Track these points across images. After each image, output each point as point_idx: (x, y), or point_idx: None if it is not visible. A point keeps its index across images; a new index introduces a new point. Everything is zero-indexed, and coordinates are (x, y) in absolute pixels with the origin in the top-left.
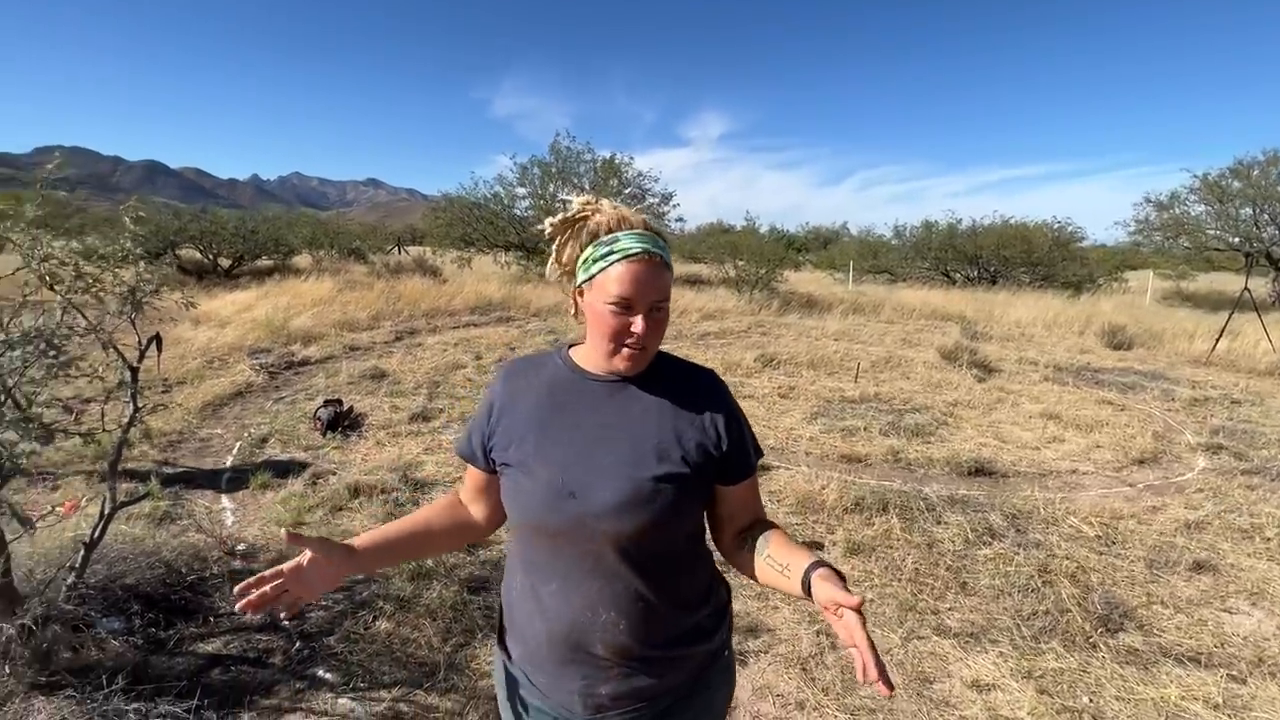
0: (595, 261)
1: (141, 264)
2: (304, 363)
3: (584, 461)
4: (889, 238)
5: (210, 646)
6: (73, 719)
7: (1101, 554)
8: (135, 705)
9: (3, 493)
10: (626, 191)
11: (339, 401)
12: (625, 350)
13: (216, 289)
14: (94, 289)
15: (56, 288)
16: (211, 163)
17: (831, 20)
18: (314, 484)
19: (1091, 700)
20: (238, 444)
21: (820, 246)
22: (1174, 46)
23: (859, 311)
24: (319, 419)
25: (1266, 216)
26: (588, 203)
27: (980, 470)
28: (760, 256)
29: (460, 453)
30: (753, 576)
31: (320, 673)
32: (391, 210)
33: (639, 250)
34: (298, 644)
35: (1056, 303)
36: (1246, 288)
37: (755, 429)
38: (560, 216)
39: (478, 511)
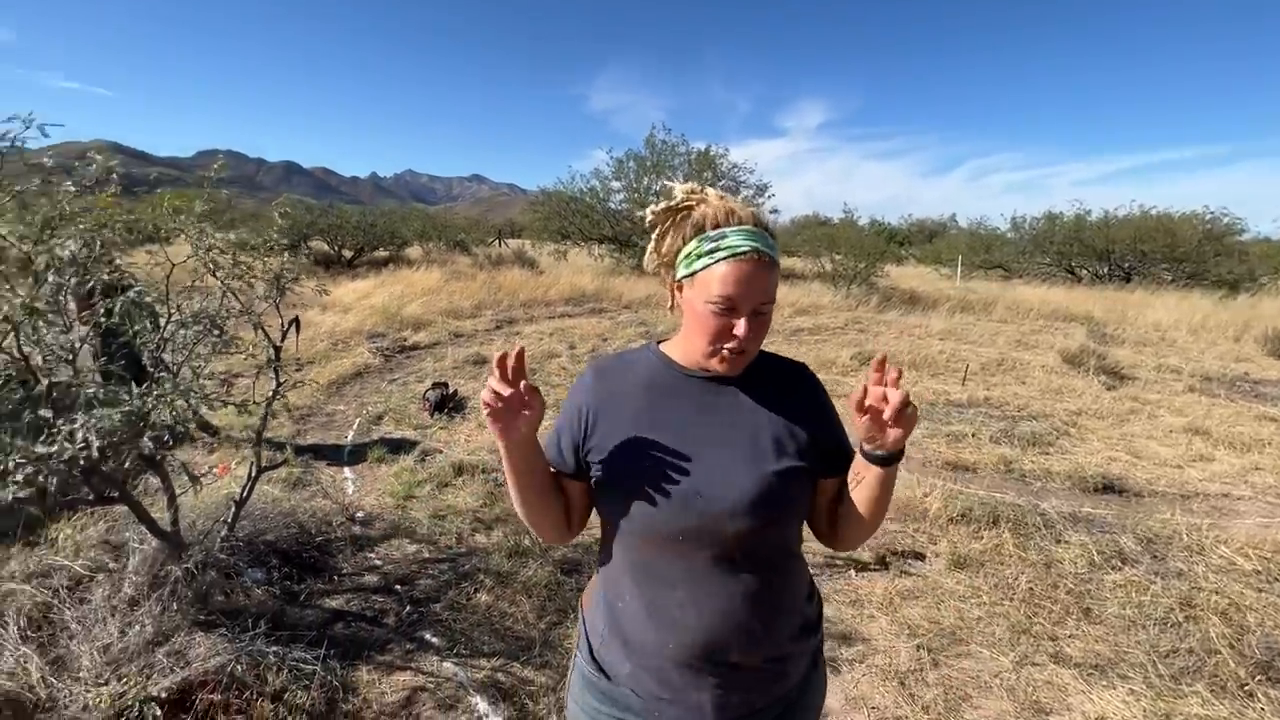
0: (699, 257)
1: (285, 254)
2: (414, 347)
3: (706, 460)
4: (1004, 230)
5: (334, 602)
6: (224, 654)
7: (1261, 591)
8: (274, 649)
9: (176, 454)
10: (721, 184)
11: (445, 385)
12: (724, 352)
13: (340, 278)
14: (247, 276)
15: (218, 274)
16: (337, 162)
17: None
18: (423, 460)
19: None
20: (357, 420)
21: (925, 240)
22: None
23: (968, 310)
24: (427, 400)
25: None
26: (693, 191)
27: (1109, 487)
28: (859, 250)
29: (550, 460)
30: (859, 529)
31: (428, 636)
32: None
33: (747, 249)
34: (408, 608)
35: (1205, 304)
36: None
37: (851, 432)
38: (663, 204)
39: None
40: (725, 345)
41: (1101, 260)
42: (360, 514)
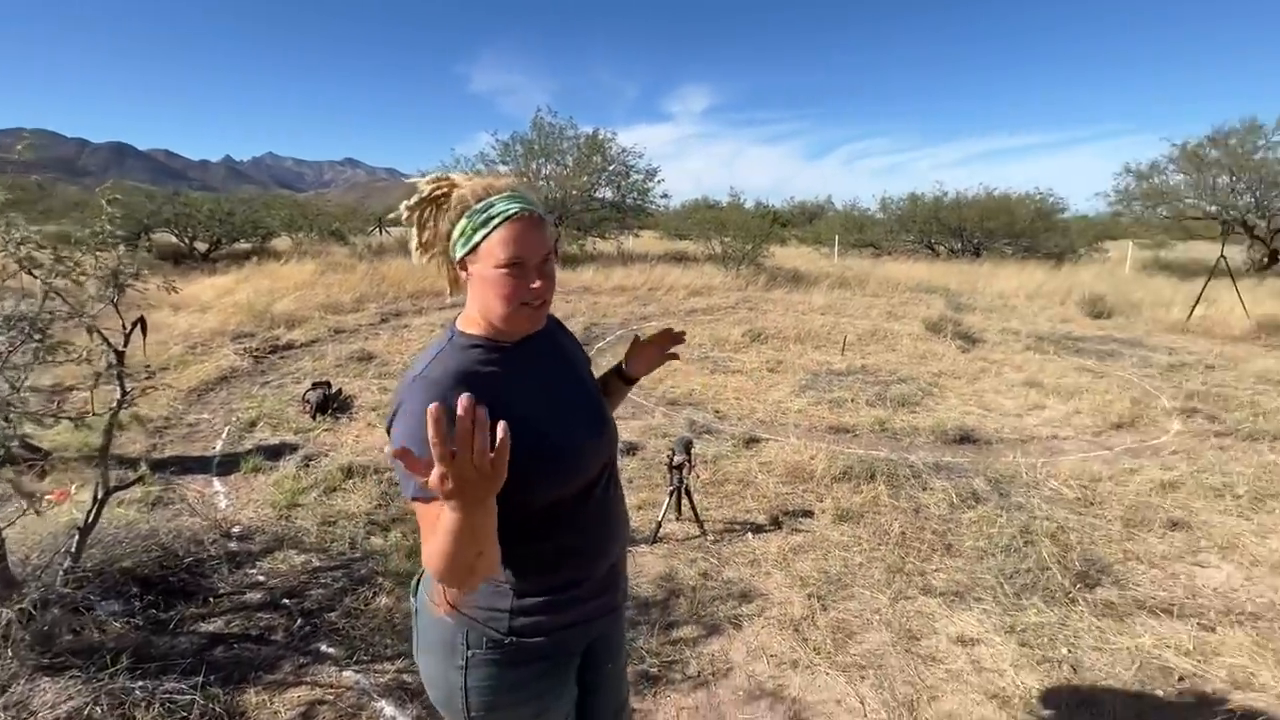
0: (475, 230)
1: (121, 247)
2: (289, 346)
3: (572, 408)
4: (874, 212)
5: (212, 626)
6: (79, 697)
7: (1080, 515)
8: (141, 683)
9: (2, 472)
10: (611, 168)
11: (327, 384)
12: (527, 309)
13: (194, 273)
14: (74, 273)
15: (35, 272)
16: (181, 144)
17: None
18: (306, 466)
19: (1070, 651)
20: (226, 429)
21: (806, 221)
22: (1164, 10)
23: (845, 285)
24: (308, 402)
25: (1243, 185)
26: (440, 179)
27: (965, 438)
28: (746, 232)
29: (421, 497)
30: None
31: (323, 647)
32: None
33: (517, 209)
34: (299, 621)
35: (1039, 273)
36: (1223, 255)
37: (744, 403)
38: (415, 198)
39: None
40: (525, 301)
41: (956, 237)
42: (237, 529)
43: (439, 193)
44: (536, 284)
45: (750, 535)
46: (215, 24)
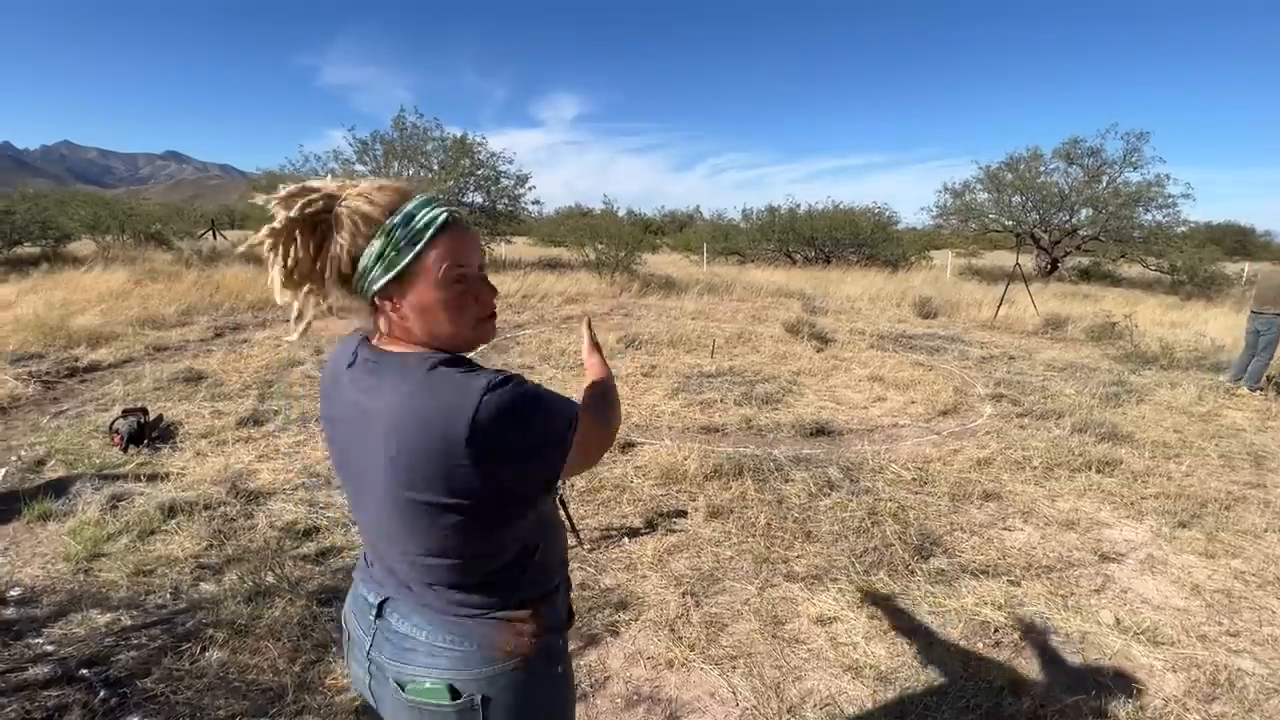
0: (399, 250)
1: None
2: (92, 368)
3: None
4: (738, 221)
5: None
6: None
7: (916, 494)
8: None
9: None
10: (480, 173)
11: (143, 410)
12: (483, 324)
13: None
14: None
15: None
16: None
17: (674, 7)
18: (114, 507)
19: (910, 619)
20: (2, 471)
21: (676, 230)
22: (968, 51)
23: (713, 291)
24: (117, 432)
25: (1030, 203)
26: (303, 190)
27: (820, 430)
28: (620, 240)
29: (576, 412)
30: None
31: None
32: (201, 189)
33: (444, 215)
34: (102, 693)
35: (879, 279)
36: (1018, 263)
37: (620, 408)
38: (281, 221)
39: None
40: (481, 314)
41: (809, 245)
42: (15, 592)
43: (312, 209)
44: (485, 294)
45: (626, 540)
46: None
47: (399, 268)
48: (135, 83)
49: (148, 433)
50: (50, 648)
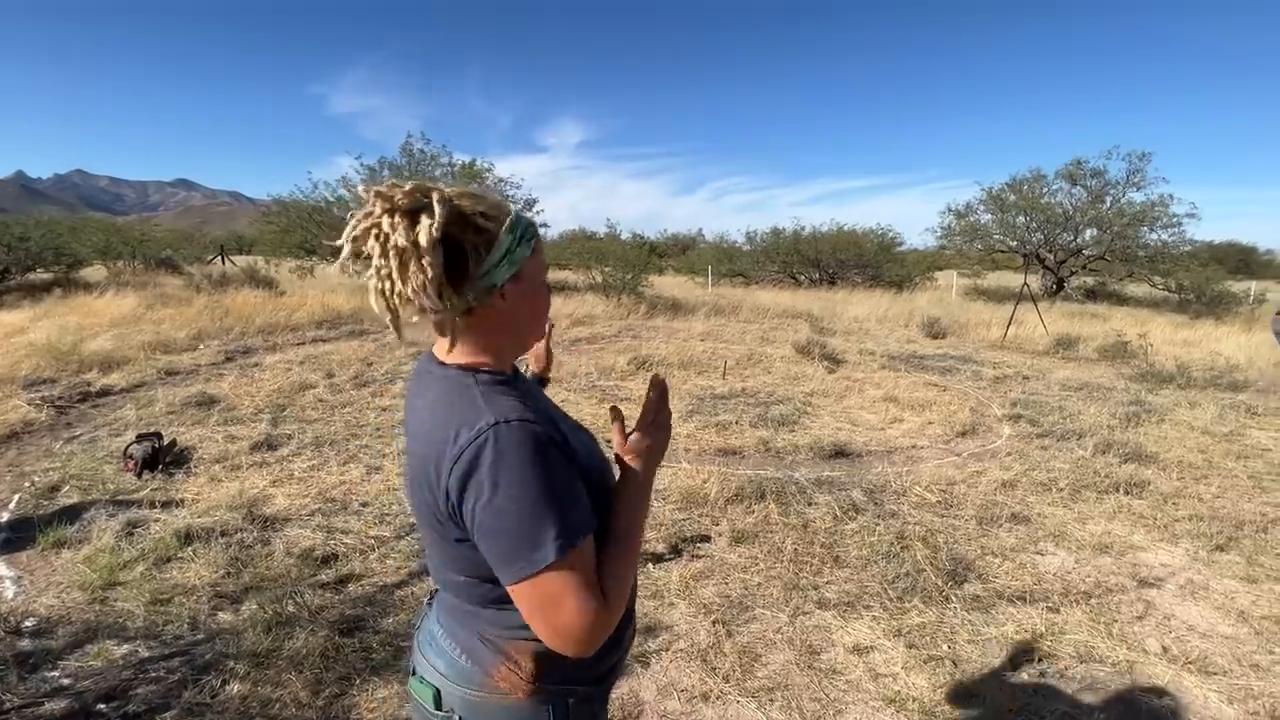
0: (516, 247)
1: None
2: (104, 393)
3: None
4: (742, 243)
5: None
6: None
7: (943, 516)
8: None
9: None
10: None
11: (157, 435)
12: (546, 325)
13: None
14: None
15: None
16: None
17: (676, 37)
18: (129, 534)
19: (949, 647)
20: (16, 497)
21: (680, 252)
22: (969, 75)
23: (720, 313)
24: (131, 457)
25: (1034, 224)
26: (421, 186)
27: (839, 452)
28: (625, 262)
29: (577, 542)
30: None
31: None
32: (210, 215)
33: (532, 221)
34: None
35: (885, 300)
36: (1026, 283)
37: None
38: (443, 218)
39: None
40: (546, 318)
41: (814, 267)
42: (30, 622)
43: (459, 210)
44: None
45: (651, 566)
46: None
47: (518, 264)
48: (146, 112)
49: (162, 458)
50: (67, 681)
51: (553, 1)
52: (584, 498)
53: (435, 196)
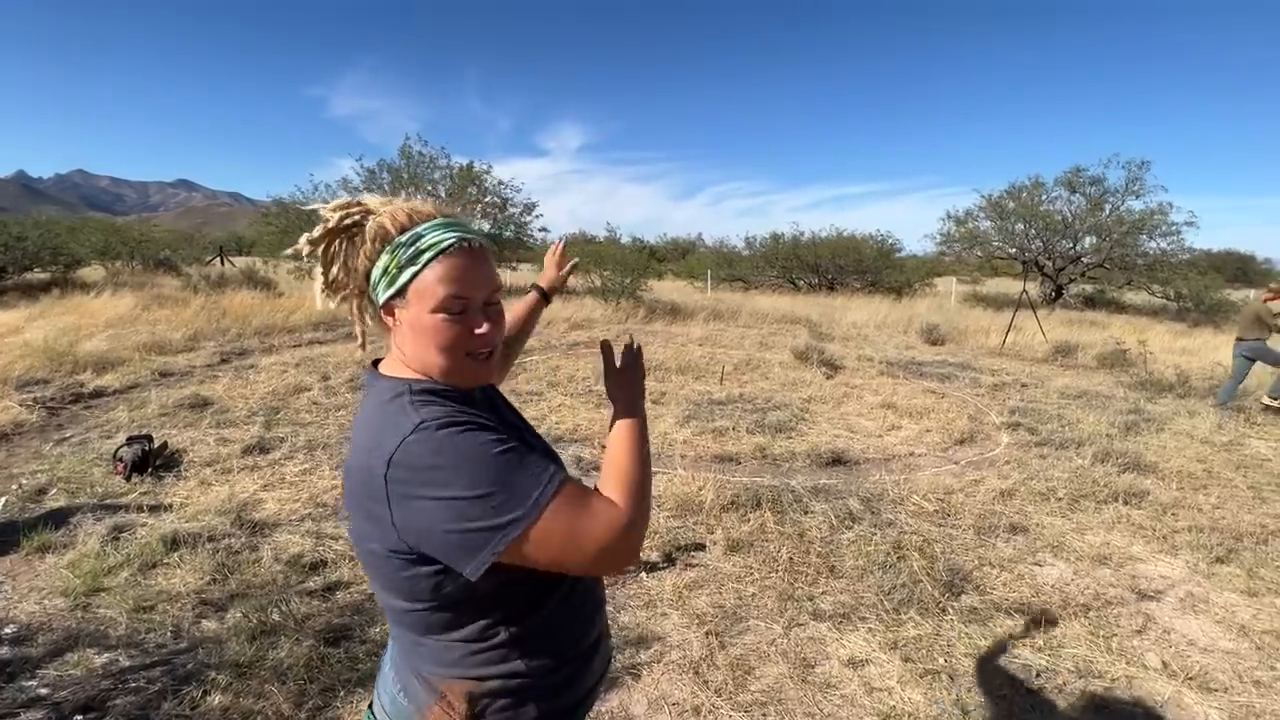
0: (401, 268)
1: None
2: (97, 394)
3: (550, 455)
4: (741, 248)
5: None
6: None
7: (940, 526)
8: None
9: None
10: (487, 200)
11: (148, 438)
12: (471, 361)
13: None
14: None
15: None
16: None
17: (677, 41)
18: (115, 539)
19: (946, 660)
20: (2, 499)
21: (679, 257)
22: (968, 82)
23: (719, 318)
24: (121, 460)
25: (1034, 231)
26: (350, 204)
27: (836, 460)
28: (624, 266)
29: (561, 488)
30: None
31: None
32: (210, 216)
33: (452, 240)
34: None
35: (884, 305)
36: (1025, 290)
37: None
38: (319, 230)
39: None
40: (471, 350)
41: (813, 272)
42: (10, 629)
43: (349, 221)
44: (482, 329)
45: (644, 575)
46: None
47: (399, 284)
48: (148, 112)
49: (152, 461)
50: (44, 690)
51: (553, 5)
52: (535, 453)
53: (358, 211)
